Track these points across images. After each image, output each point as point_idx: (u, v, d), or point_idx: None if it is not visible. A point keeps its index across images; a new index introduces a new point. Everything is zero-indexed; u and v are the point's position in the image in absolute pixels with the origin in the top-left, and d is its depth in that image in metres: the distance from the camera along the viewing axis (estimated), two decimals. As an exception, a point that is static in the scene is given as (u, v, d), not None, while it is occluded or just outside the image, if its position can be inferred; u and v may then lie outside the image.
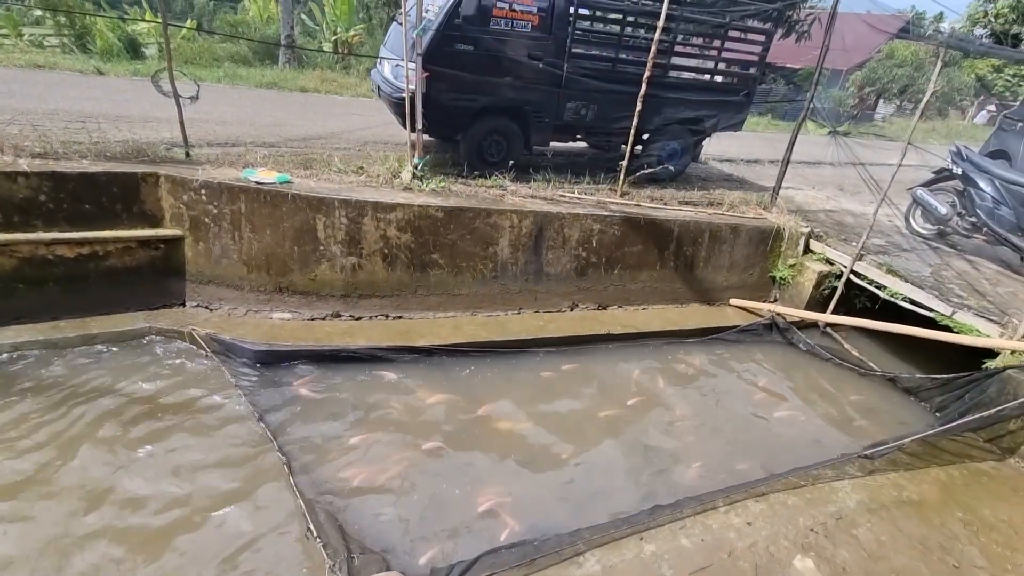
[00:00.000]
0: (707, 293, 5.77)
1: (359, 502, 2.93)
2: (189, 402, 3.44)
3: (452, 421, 3.62)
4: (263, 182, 4.19)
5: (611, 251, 5.21)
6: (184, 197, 4.10)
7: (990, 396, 3.92)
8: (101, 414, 3.23)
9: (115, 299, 4.04)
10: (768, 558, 2.74)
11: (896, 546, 2.94)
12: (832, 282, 5.41)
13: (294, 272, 4.38)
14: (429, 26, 4.79)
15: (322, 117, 7.48)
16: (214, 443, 3.17)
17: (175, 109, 4.38)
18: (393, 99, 5.28)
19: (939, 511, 3.25)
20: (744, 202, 6.16)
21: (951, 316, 4.45)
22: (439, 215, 4.52)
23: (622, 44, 6.00)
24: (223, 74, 9.37)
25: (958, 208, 5.57)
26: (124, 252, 4.05)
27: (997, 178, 5.28)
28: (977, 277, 5.11)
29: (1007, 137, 7.60)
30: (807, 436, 4.02)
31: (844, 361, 4.93)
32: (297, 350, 3.91)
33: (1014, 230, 5.14)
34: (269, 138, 5.84)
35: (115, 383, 3.48)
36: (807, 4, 10.75)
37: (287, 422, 3.40)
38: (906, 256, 5.48)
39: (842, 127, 7.46)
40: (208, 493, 2.86)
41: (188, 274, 4.30)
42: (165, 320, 4.05)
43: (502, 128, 5.63)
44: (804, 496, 3.20)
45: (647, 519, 2.86)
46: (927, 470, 3.61)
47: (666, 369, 4.60)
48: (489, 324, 4.72)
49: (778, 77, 19.68)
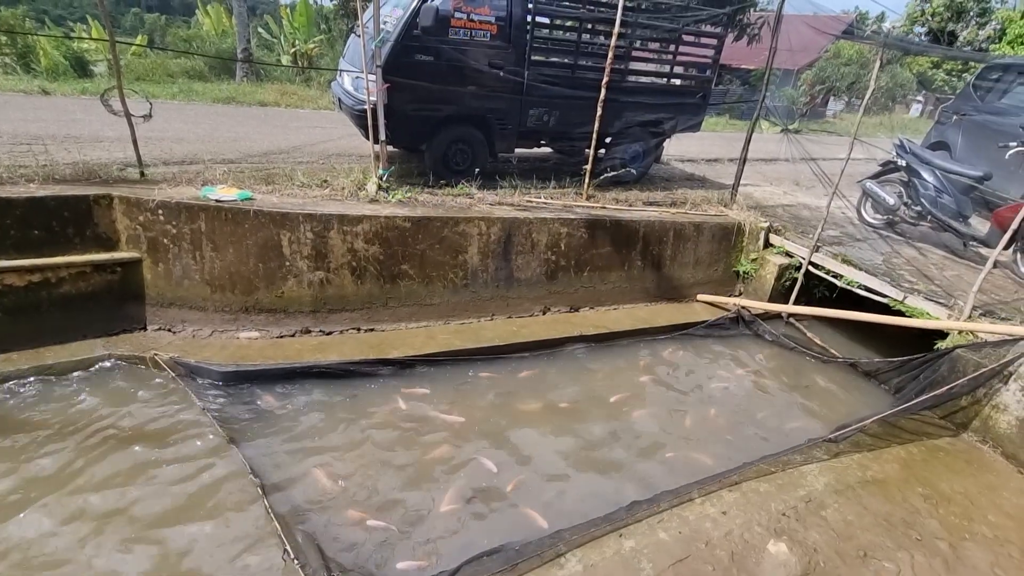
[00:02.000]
0: (675, 290, 5.91)
1: (337, 521, 2.88)
2: (155, 428, 3.32)
3: (428, 433, 3.59)
4: (223, 200, 4.10)
5: (580, 254, 5.29)
6: (140, 218, 3.98)
7: (942, 375, 4.13)
8: (60, 447, 3.09)
9: (71, 327, 3.88)
10: (743, 545, 2.82)
11: (862, 524, 3.07)
12: (792, 274, 5.61)
13: (260, 290, 4.29)
14: (388, 37, 4.79)
15: (283, 131, 7.37)
16: (184, 469, 3.07)
17: (127, 128, 4.26)
18: (355, 111, 5.25)
19: (901, 487, 3.40)
20: (706, 200, 6.35)
21: (903, 301, 4.68)
22: (407, 225, 4.51)
23: (580, 51, 6.12)
24: (178, 90, 9.15)
25: (904, 198, 5.86)
26: (78, 278, 3.90)
27: (938, 168, 5.59)
28: (925, 263, 5.38)
29: (945, 129, 8.06)
30: (776, 423, 4.15)
31: (807, 349, 5.12)
32: (266, 369, 3.83)
33: (956, 217, 5.44)
34: (228, 154, 5.73)
35: (74, 414, 3.34)
36: (757, 8, 11.19)
37: (259, 443, 3.32)
38: (859, 246, 5.73)
39: (794, 125, 7.78)
40: (180, 519, 2.77)
41: (148, 297, 4.17)
42: (125, 346, 3.91)
43: (466, 136, 5.66)
44: (775, 482, 3.30)
45: (625, 515, 2.90)
46: (888, 449, 3.77)
47: (639, 366, 4.68)
48: (462, 332, 4.72)
49: (733, 78, 20.35)
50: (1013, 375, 3.81)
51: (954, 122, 7.90)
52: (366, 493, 3.07)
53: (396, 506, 3.01)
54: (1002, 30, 20.12)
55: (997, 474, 3.69)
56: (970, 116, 7.66)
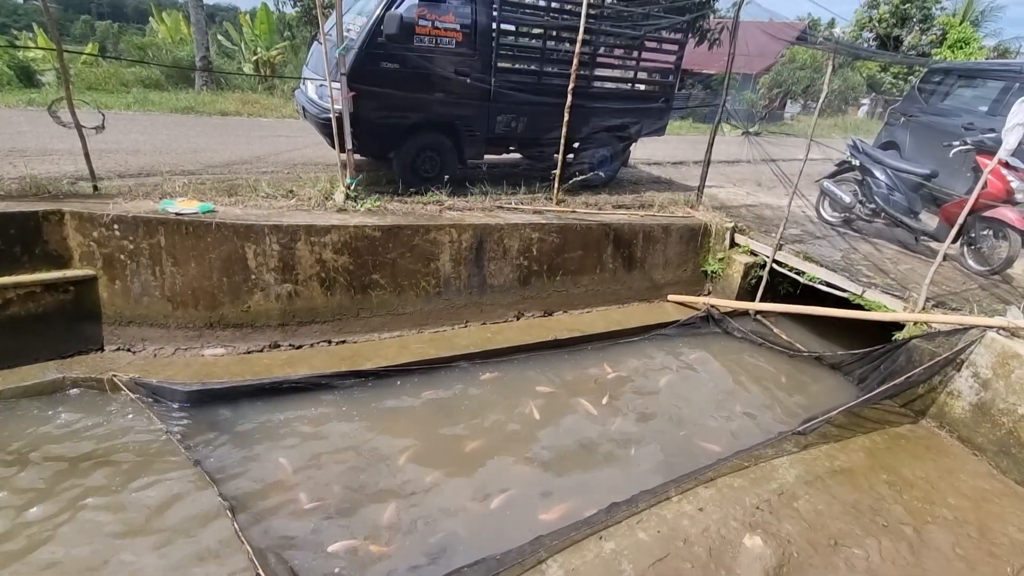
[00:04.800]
0: (646, 291, 6.00)
1: (310, 541, 2.80)
2: (114, 453, 3.17)
3: (405, 446, 3.54)
4: (184, 213, 3.97)
5: (552, 258, 5.32)
6: (94, 234, 3.81)
7: (901, 365, 4.30)
8: (12, 478, 2.92)
9: (21, 350, 3.68)
10: (720, 540, 2.86)
11: (832, 513, 3.16)
12: (758, 272, 5.77)
13: (225, 305, 4.16)
14: (352, 45, 4.73)
15: (246, 141, 7.18)
16: (149, 495, 2.94)
17: (78, 140, 4.08)
18: (320, 120, 5.16)
19: (867, 476, 3.52)
20: (673, 202, 6.48)
21: (862, 295, 4.87)
22: (377, 234, 4.44)
23: (546, 58, 6.18)
24: (132, 100, 8.82)
25: (859, 196, 6.11)
26: (27, 298, 3.71)
27: (889, 167, 5.85)
28: (881, 258, 5.62)
29: (895, 130, 8.45)
30: (747, 418, 4.25)
31: (775, 345, 5.26)
32: (233, 386, 3.70)
33: (907, 213, 5.70)
34: (188, 166, 5.55)
35: (28, 442, 3.16)
36: (716, 14, 11.53)
37: (227, 465, 3.20)
38: (819, 243, 5.94)
39: (754, 127, 8.03)
40: (147, 546, 2.65)
41: (104, 316, 3.99)
42: (81, 368, 3.72)
43: (435, 144, 5.63)
44: (748, 477, 3.37)
45: (605, 517, 2.91)
46: (854, 439, 3.91)
47: (614, 367, 4.72)
48: (436, 340, 4.68)
49: (695, 83, 20.91)
50: (965, 363, 4.00)
51: (902, 123, 8.30)
52: (340, 511, 3.00)
53: (371, 523, 2.95)
54: (943, 35, 21.28)
55: (954, 458, 3.86)
56: (916, 117, 8.05)
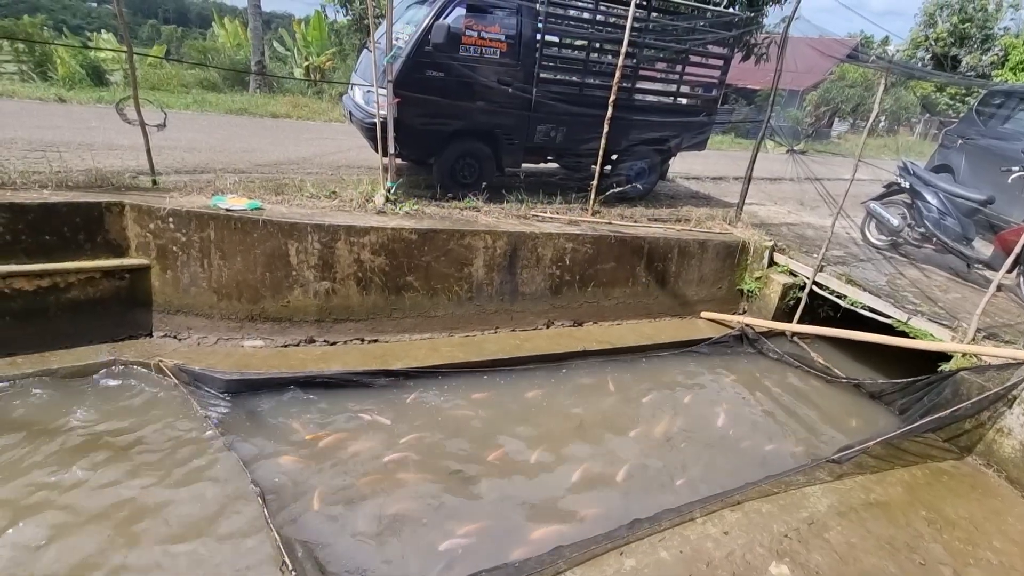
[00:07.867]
0: (679, 307, 5.91)
1: (337, 534, 2.87)
2: (157, 435, 3.33)
3: (432, 446, 3.59)
4: (233, 209, 4.16)
5: (584, 269, 5.31)
6: (151, 226, 4.04)
7: (946, 397, 4.10)
8: (62, 451, 3.11)
9: (78, 332, 3.92)
10: (745, 566, 2.79)
11: (865, 547, 3.03)
12: (796, 293, 5.62)
13: (266, 299, 4.32)
14: (400, 53, 4.89)
15: (294, 143, 7.47)
16: (184, 476, 3.08)
17: (141, 137, 4.33)
18: (365, 124, 5.33)
19: (904, 511, 3.37)
20: (710, 218, 6.38)
21: (907, 322, 4.67)
22: (413, 237, 4.55)
23: (588, 69, 6.22)
24: (192, 100, 9.30)
25: (908, 220, 5.88)
26: (87, 283, 3.95)
27: (941, 191, 5.61)
28: (929, 284, 5.38)
29: (949, 153, 8.11)
30: (779, 443, 4.12)
31: (811, 368, 5.10)
32: (270, 378, 3.85)
33: (959, 239, 5.45)
34: (239, 165, 5.81)
35: (77, 419, 3.36)
36: (763, 29, 11.34)
37: (260, 453, 3.32)
38: (863, 266, 5.74)
39: (799, 145, 7.84)
40: (179, 527, 2.77)
41: (155, 304, 4.21)
42: (131, 352, 3.93)
43: (474, 151, 5.74)
44: (777, 503, 3.27)
45: (626, 533, 2.88)
46: (892, 471, 3.74)
47: (643, 382, 4.67)
48: (466, 344, 4.74)
49: (739, 98, 20.55)
50: (1017, 399, 3.79)
51: (958, 146, 7.95)
52: (367, 506, 3.06)
53: (397, 520, 3.00)
54: (1005, 56, 20.30)
55: (1002, 499, 3.65)
56: (973, 140, 7.70)
